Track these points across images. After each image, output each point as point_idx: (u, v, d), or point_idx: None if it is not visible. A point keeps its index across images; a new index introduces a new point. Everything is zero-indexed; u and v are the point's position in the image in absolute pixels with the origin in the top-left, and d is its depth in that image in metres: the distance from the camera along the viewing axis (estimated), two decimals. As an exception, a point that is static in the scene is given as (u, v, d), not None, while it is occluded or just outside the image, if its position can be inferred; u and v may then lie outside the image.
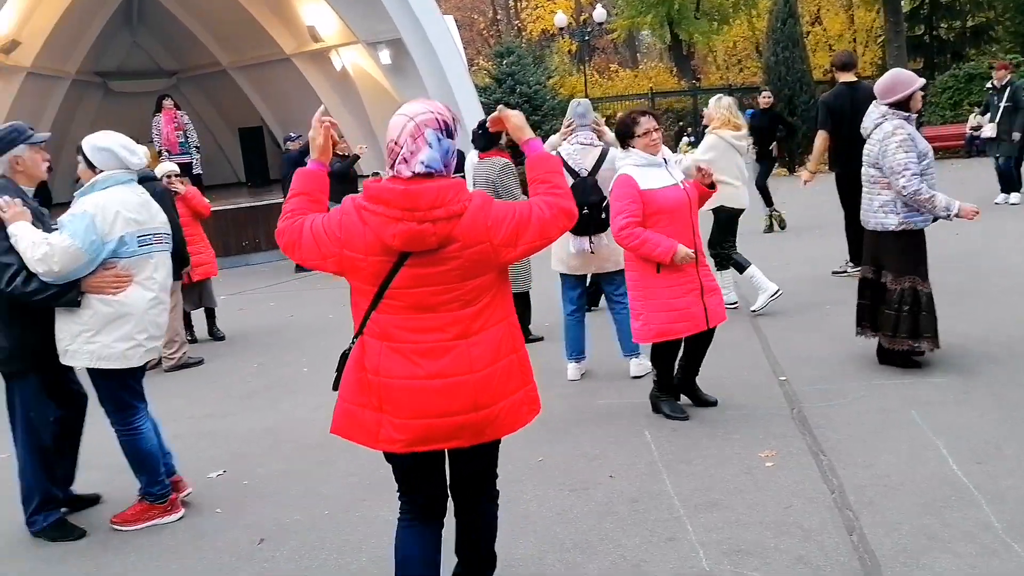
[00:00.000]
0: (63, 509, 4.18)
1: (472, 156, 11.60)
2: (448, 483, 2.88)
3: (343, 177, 11.13)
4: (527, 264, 6.83)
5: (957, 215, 5.08)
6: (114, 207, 3.81)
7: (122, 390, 4.02)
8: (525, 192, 6.26)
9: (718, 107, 7.17)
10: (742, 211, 7.20)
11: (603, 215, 5.38)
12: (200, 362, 7.20)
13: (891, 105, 5.21)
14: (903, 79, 5.23)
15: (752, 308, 7.15)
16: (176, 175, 7.87)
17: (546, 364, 6.02)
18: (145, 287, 3.93)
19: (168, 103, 13.61)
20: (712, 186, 4.88)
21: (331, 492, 4.33)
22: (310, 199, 2.75)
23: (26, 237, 3.71)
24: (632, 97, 29.26)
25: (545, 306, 7.28)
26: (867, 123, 5.38)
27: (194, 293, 7.89)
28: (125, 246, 3.83)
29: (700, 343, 5.00)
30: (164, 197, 5.84)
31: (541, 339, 6.86)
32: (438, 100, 2.63)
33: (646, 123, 4.75)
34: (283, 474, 4.63)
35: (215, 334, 8.24)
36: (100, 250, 3.77)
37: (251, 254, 13.14)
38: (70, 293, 3.78)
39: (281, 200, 12.02)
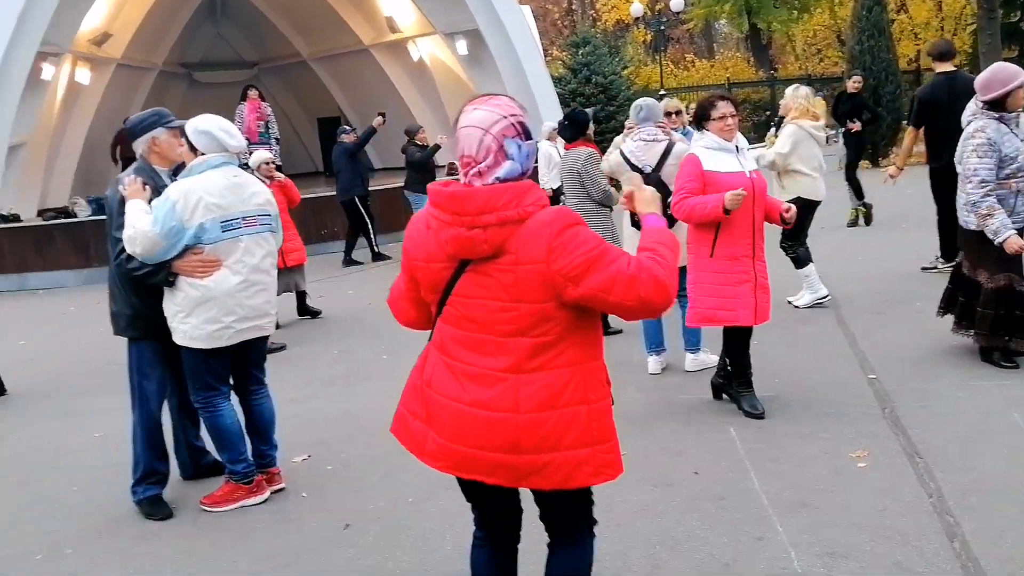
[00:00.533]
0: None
1: (545, 145, 11.62)
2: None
3: (423, 167, 11.22)
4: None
5: (1000, 244, 4.90)
6: (197, 193, 3.86)
7: (206, 371, 4.09)
8: (615, 184, 6.26)
9: (795, 97, 6.99)
10: (819, 203, 7.01)
11: (666, 211, 5.30)
12: (283, 347, 7.32)
13: (987, 102, 5.00)
14: (1001, 76, 4.99)
15: (793, 301, 6.99)
16: (271, 162, 8.14)
17: (626, 358, 5.97)
18: (233, 271, 3.97)
19: (253, 93, 13.91)
20: (787, 223, 4.85)
21: (412, 480, 4.33)
22: None
23: (128, 217, 3.86)
24: (708, 87, 28.82)
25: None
26: (963, 118, 5.21)
27: (288, 278, 8.14)
28: (206, 232, 3.88)
29: (739, 341, 4.91)
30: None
31: (620, 332, 6.78)
32: (511, 90, 2.51)
33: (723, 107, 4.71)
34: (365, 460, 4.66)
35: (310, 310, 8.55)
36: (180, 236, 3.84)
37: (329, 242, 13.31)
38: (161, 273, 3.92)
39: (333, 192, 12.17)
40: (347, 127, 12.02)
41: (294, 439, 4.97)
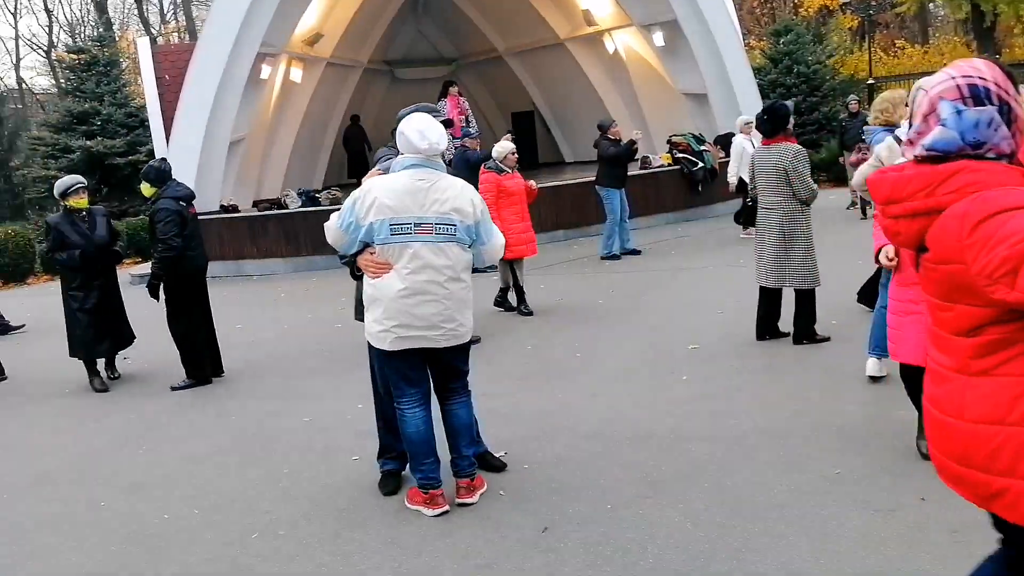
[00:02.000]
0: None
1: (739, 138, 11.13)
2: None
3: (617, 162, 11.07)
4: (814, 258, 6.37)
5: None
6: (374, 193, 3.87)
7: (389, 370, 4.10)
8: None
9: None
10: None
11: None
12: (477, 340, 7.39)
13: None
14: None
15: None
16: (515, 152, 8.48)
17: (837, 365, 5.63)
18: (399, 276, 3.88)
19: (454, 89, 14.31)
20: None
21: (611, 485, 4.23)
22: None
23: None
24: (921, 75, 26.75)
25: (830, 303, 6.80)
26: None
27: (508, 270, 8.54)
28: (375, 233, 3.86)
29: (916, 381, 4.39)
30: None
31: (828, 339, 6.37)
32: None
33: None
34: (562, 461, 4.60)
35: (507, 304, 8.73)
36: (357, 231, 3.89)
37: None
38: (350, 266, 4.13)
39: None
40: (472, 131, 11.93)
41: (490, 435, 4.97)
